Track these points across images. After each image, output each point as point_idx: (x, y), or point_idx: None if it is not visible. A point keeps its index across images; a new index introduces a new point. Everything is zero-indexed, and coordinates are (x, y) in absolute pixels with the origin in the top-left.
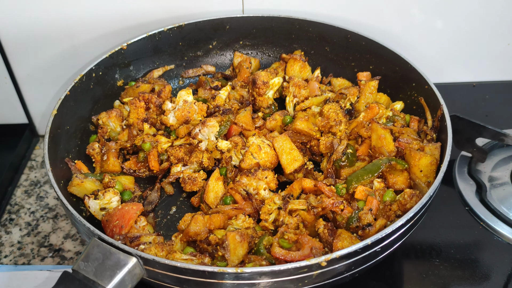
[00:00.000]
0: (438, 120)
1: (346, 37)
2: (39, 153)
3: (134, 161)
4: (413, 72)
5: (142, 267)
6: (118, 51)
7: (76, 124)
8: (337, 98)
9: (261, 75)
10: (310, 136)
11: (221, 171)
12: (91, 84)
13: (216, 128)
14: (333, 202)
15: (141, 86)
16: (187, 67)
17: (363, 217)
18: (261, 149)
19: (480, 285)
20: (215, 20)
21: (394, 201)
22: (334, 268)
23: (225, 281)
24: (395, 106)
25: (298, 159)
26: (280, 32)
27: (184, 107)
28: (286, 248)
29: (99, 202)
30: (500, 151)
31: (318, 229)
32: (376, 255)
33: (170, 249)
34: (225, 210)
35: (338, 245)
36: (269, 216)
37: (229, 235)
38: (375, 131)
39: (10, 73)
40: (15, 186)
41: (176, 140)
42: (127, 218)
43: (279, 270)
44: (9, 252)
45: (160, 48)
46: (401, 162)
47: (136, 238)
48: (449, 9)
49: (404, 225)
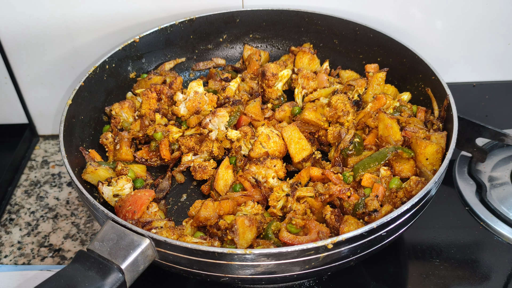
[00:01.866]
0: (444, 110)
1: (354, 29)
2: (39, 153)
3: (146, 150)
4: (420, 63)
5: (154, 249)
6: (130, 44)
7: (90, 114)
8: (345, 90)
9: (271, 67)
10: (318, 126)
11: (230, 160)
12: (105, 75)
13: (226, 118)
14: (340, 189)
15: (153, 78)
16: (197, 60)
17: (369, 203)
18: (270, 138)
19: (480, 285)
20: (225, 14)
21: (400, 188)
22: (340, 251)
23: (234, 263)
24: (402, 97)
25: (306, 149)
26: (289, 25)
27: (195, 98)
28: (293, 233)
29: (112, 189)
30: (500, 151)
31: (325, 215)
32: (381, 239)
33: (181, 233)
34: (235, 196)
35: (345, 230)
36: (277, 202)
37: (238, 220)
38: (382, 120)
39: (10, 73)
40: (15, 186)
41: (187, 130)
42: (140, 203)
43: (286, 251)
44: (9, 252)
45: (171, 41)
46: (407, 150)
47: (148, 223)
48: (449, 9)
49: (409, 210)
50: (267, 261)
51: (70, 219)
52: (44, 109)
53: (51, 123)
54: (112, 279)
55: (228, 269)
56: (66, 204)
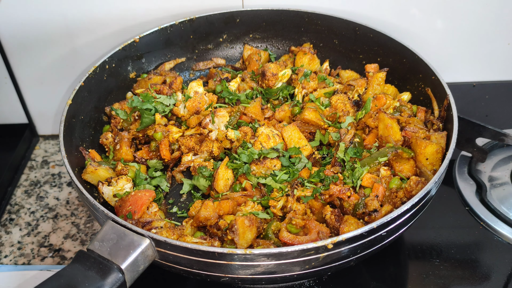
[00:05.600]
0: (444, 110)
1: (354, 29)
2: (39, 153)
3: (146, 150)
4: (420, 63)
5: (154, 249)
6: (130, 44)
7: (90, 114)
8: (345, 90)
9: (271, 67)
10: (318, 126)
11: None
12: (105, 75)
13: (226, 118)
14: (340, 189)
15: (153, 78)
16: (197, 60)
17: (370, 203)
18: (270, 138)
19: (480, 285)
20: (225, 14)
21: (400, 188)
22: (340, 251)
23: (234, 263)
24: (402, 97)
25: (306, 149)
26: (289, 25)
27: (195, 98)
28: (293, 233)
29: (113, 189)
30: (500, 151)
31: (325, 215)
32: (381, 239)
33: (181, 233)
34: (235, 196)
35: (345, 230)
36: (277, 202)
37: (238, 220)
38: (382, 120)
39: (10, 73)
40: (15, 186)
41: (187, 130)
42: (140, 203)
43: (286, 251)
44: (9, 252)
45: (171, 41)
46: (407, 150)
47: (148, 223)
48: (449, 9)
49: (409, 210)
50: (267, 261)
51: (70, 219)
52: (44, 109)
53: (51, 123)
54: (112, 279)
55: (228, 269)
56: (66, 204)
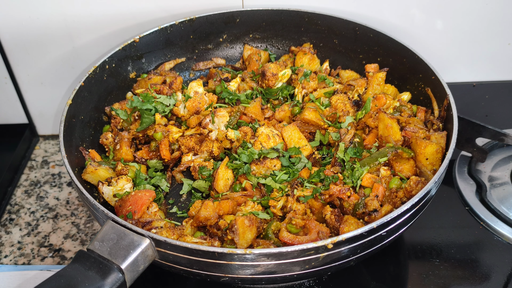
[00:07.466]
0: (444, 110)
1: (354, 29)
2: (39, 153)
3: (146, 150)
4: (420, 63)
5: (154, 249)
6: (130, 44)
7: (90, 114)
8: (345, 90)
9: (271, 67)
10: (318, 126)
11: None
12: (105, 75)
13: (226, 118)
14: (340, 189)
15: (153, 78)
16: (197, 60)
17: (369, 203)
18: (270, 138)
19: (480, 285)
20: (225, 14)
21: (400, 188)
22: (340, 250)
23: (234, 262)
24: (402, 97)
25: (306, 149)
26: (289, 25)
27: (195, 98)
28: (293, 233)
29: (113, 189)
30: (500, 151)
31: (325, 215)
32: (381, 239)
33: (181, 233)
34: (235, 196)
35: (345, 230)
36: (277, 202)
37: (238, 219)
38: (382, 120)
39: (10, 73)
40: (15, 186)
41: (187, 130)
42: (140, 203)
43: (286, 251)
44: (9, 252)
45: (171, 41)
46: (407, 150)
47: (148, 223)
48: (449, 9)
49: (409, 210)
50: (267, 261)
51: (70, 219)
52: (44, 109)
53: (51, 123)
54: (112, 279)
55: (228, 269)
56: (66, 204)
